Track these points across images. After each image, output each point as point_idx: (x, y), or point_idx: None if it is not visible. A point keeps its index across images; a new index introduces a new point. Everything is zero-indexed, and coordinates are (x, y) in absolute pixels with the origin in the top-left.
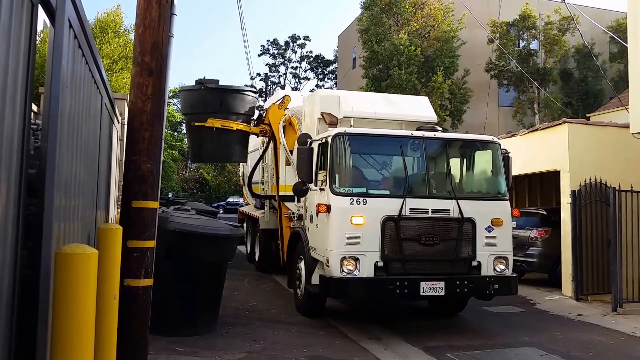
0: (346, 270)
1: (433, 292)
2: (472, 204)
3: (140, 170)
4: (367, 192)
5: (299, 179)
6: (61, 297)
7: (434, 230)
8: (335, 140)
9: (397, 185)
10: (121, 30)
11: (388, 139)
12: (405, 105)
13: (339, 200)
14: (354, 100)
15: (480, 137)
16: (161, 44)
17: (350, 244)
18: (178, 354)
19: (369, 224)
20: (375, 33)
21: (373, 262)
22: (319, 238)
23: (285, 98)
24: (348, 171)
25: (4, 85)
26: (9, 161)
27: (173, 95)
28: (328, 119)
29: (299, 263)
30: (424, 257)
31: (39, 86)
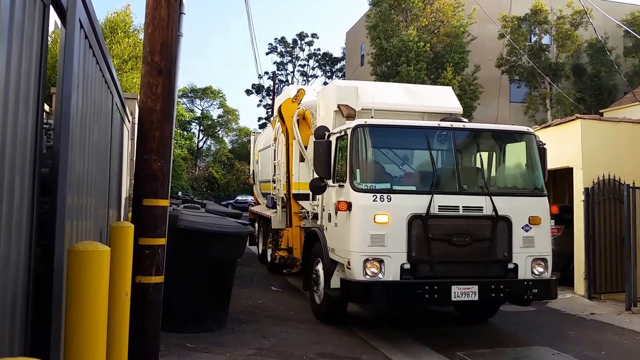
0: (369, 273)
1: (465, 297)
2: (507, 200)
3: (151, 169)
4: (391, 188)
5: (315, 175)
6: (74, 293)
7: (466, 229)
8: (355, 132)
9: (424, 180)
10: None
11: (413, 131)
12: (428, 95)
13: (360, 197)
14: (373, 91)
15: (514, 127)
16: (170, 44)
17: (373, 245)
18: (189, 350)
19: (394, 223)
20: (384, 29)
21: (399, 264)
22: (339, 238)
23: (300, 91)
24: (370, 166)
25: (17, 86)
26: (23, 160)
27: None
28: (345, 111)
29: (316, 265)
30: (454, 259)
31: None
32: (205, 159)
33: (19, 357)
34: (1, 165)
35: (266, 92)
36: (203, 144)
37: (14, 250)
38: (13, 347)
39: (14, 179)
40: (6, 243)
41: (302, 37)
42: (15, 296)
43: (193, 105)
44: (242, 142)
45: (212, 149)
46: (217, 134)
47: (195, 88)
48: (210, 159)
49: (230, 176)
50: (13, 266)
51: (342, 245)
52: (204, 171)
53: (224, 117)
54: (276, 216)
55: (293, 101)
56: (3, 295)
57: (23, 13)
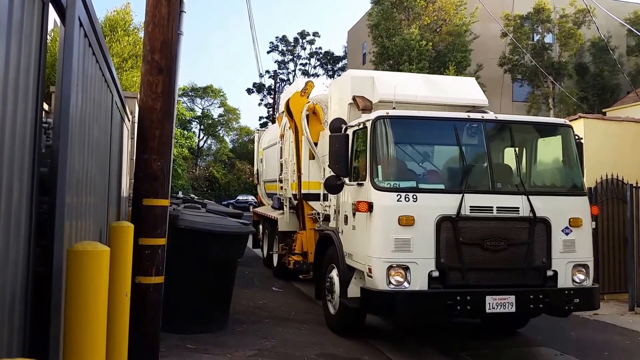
0: (394, 281)
1: (501, 309)
2: (545, 200)
3: (151, 168)
4: (417, 186)
5: (329, 173)
6: (73, 294)
7: (501, 232)
8: (376, 125)
9: (453, 178)
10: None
11: (440, 123)
12: (450, 86)
13: (383, 197)
14: (391, 82)
15: (550, 119)
16: (171, 42)
17: (398, 250)
18: (189, 351)
19: (421, 226)
20: (386, 28)
21: (426, 271)
22: (357, 243)
23: (308, 84)
24: (393, 162)
25: (16, 84)
26: (22, 159)
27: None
28: (361, 104)
29: (330, 272)
30: (488, 265)
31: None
32: (205, 159)
33: (18, 357)
34: (0, 165)
35: (267, 91)
36: (204, 143)
37: (12, 250)
38: (12, 348)
39: (12, 179)
40: (5, 243)
41: (303, 35)
42: (14, 296)
43: (193, 104)
44: (243, 142)
45: (213, 149)
46: (217, 133)
47: (195, 87)
48: (210, 158)
49: (231, 176)
50: (12, 266)
51: (361, 250)
52: (205, 171)
53: (224, 116)
54: (283, 218)
55: (302, 95)
56: (2, 296)
57: (22, 11)
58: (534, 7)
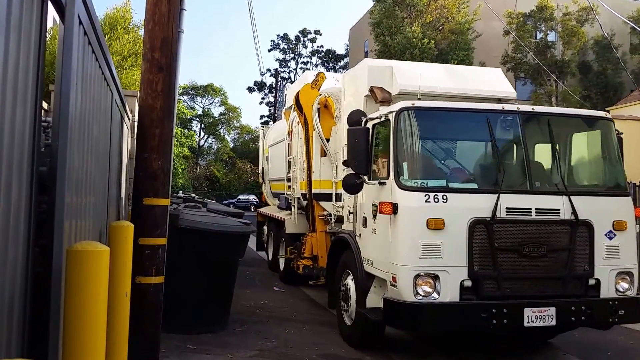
0: (422, 292)
1: (541, 322)
2: (587, 201)
3: (151, 167)
4: (447, 185)
5: (346, 171)
6: (73, 294)
7: (540, 237)
8: (400, 117)
9: (486, 176)
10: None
11: (471, 115)
12: (475, 77)
13: (409, 198)
14: (411, 72)
15: (590, 112)
16: (171, 40)
17: (426, 257)
18: (190, 351)
19: (452, 229)
20: (388, 26)
21: (458, 281)
22: (379, 248)
23: (320, 75)
24: (420, 158)
25: (15, 83)
26: (21, 159)
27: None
28: (380, 95)
29: (345, 279)
30: (526, 274)
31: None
32: (206, 158)
33: (17, 358)
34: None
35: (268, 90)
36: (204, 142)
37: (11, 250)
38: (10, 348)
39: (11, 178)
40: (3, 243)
41: (305, 33)
42: (13, 296)
43: (194, 102)
44: (244, 141)
45: (214, 148)
46: (218, 132)
47: (196, 85)
48: (211, 157)
49: (231, 175)
50: (10, 266)
51: (383, 256)
52: (205, 170)
53: (225, 115)
54: (291, 219)
55: (312, 87)
56: (1, 296)
57: (21, 9)
58: (536, 5)
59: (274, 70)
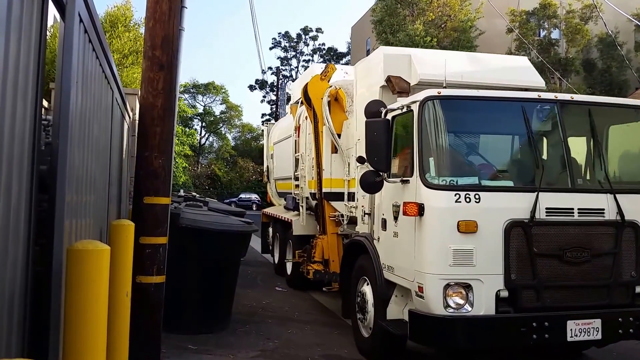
0: (453, 304)
1: (585, 336)
2: (632, 199)
3: (152, 166)
4: (479, 183)
5: (365, 168)
6: (73, 293)
7: (583, 240)
8: (425, 107)
9: (523, 172)
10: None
11: (505, 105)
12: (500, 66)
13: (437, 197)
14: (431, 60)
15: (636, 101)
16: (172, 38)
17: (458, 264)
18: (191, 352)
19: (485, 233)
20: (390, 24)
21: (493, 291)
22: (401, 253)
23: (329, 66)
24: (449, 153)
25: (15, 81)
26: (21, 157)
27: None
28: (398, 85)
29: (362, 286)
30: (568, 281)
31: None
32: (207, 156)
33: (17, 358)
34: None
35: (270, 88)
36: (205, 140)
37: (11, 248)
38: (11, 347)
39: (12, 176)
40: (4, 241)
41: (306, 31)
42: (13, 295)
43: (195, 101)
44: (245, 139)
45: (215, 146)
46: (219, 131)
47: (197, 83)
48: (212, 156)
49: (233, 174)
50: (11, 265)
51: (406, 263)
52: (207, 168)
53: (226, 114)
54: (299, 220)
55: (322, 78)
56: (1, 295)
57: (21, 6)
58: (540, 3)
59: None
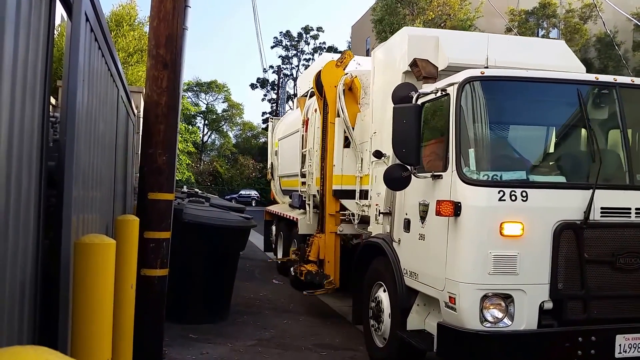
0: (490, 318)
1: (636, 352)
2: None
3: (156, 162)
4: (527, 179)
5: (385, 163)
6: (81, 285)
7: (638, 245)
8: (465, 90)
9: (577, 166)
10: (136, 23)
11: (557, 88)
12: (536, 50)
13: (477, 195)
14: (461, 43)
15: None
16: (176, 37)
17: (498, 272)
18: (192, 340)
19: (532, 236)
20: (390, 23)
21: (537, 302)
22: (428, 258)
23: (346, 53)
24: (492, 143)
25: (24, 79)
26: (30, 153)
27: (187, 89)
28: (425, 70)
29: (377, 291)
30: (619, 291)
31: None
32: (209, 153)
33: (28, 345)
34: (8, 158)
35: (271, 87)
36: (208, 138)
37: (21, 242)
38: (22, 335)
39: (21, 172)
40: (14, 235)
41: (307, 30)
42: (24, 286)
43: (198, 99)
44: (246, 137)
45: (217, 144)
46: (221, 129)
47: (200, 82)
48: (214, 153)
49: (234, 171)
50: (21, 257)
51: (434, 269)
52: (209, 165)
53: (228, 112)
54: (305, 218)
55: (337, 65)
56: (12, 285)
57: (30, 6)
58: (539, 2)
59: (277, 67)
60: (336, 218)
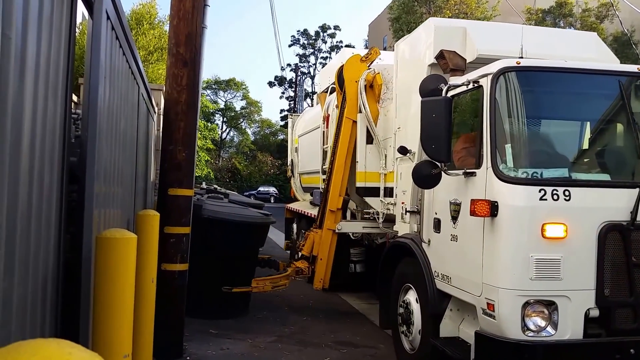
0: (533, 326)
1: None
2: None
3: (176, 159)
4: (569, 177)
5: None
6: (102, 279)
7: None
8: (498, 82)
9: (622, 163)
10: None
11: (599, 80)
12: (568, 42)
13: (517, 194)
14: (489, 34)
15: None
16: (195, 35)
17: (540, 277)
18: (212, 335)
19: (575, 239)
20: (407, 21)
21: (582, 310)
22: (461, 261)
23: (373, 49)
24: (531, 138)
25: (46, 76)
26: (52, 149)
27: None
28: (452, 62)
29: (406, 294)
30: None
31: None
32: (228, 150)
33: (50, 337)
34: (31, 154)
35: (288, 84)
36: (226, 135)
37: (44, 236)
38: (44, 328)
39: (43, 168)
40: (36, 229)
41: (324, 29)
42: (46, 279)
43: (217, 96)
44: (265, 134)
45: (235, 141)
46: (240, 126)
47: (219, 80)
48: (233, 150)
49: (252, 167)
50: (43, 251)
51: (469, 273)
52: (227, 162)
53: (247, 109)
54: None
55: (362, 60)
56: (34, 279)
57: (52, 5)
58: (556, 1)
59: (294, 65)
60: (337, 215)
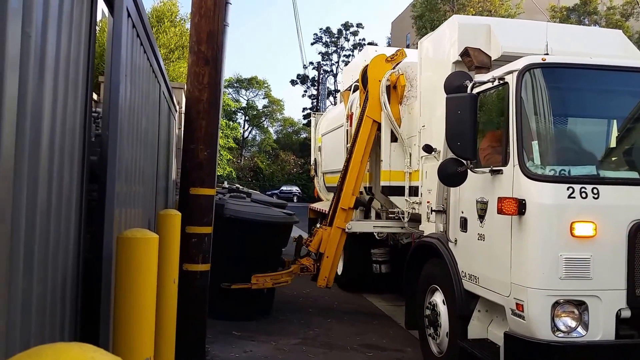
0: (563, 327)
1: None
2: None
3: (198, 158)
4: (597, 174)
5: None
6: (123, 280)
7: None
8: (524, 78)
9: None
10: (177, 20)
11: (627, 76)
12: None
13: (545, 191)
14: (514, 31)
15: None
16: (217, 33)
17: (570, 277)
18: (235, 337)
19: (605, 237)
20: (430, 19)
21: (614, 310)
22: (489, 260)
23: (400, 51)
24: (558, 135)
25: (66, 74)
26: (72, 148)
27: (228, 85)
28: (477, 59)
29: (432, 295)
30: None
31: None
32: (250, 149)
33: (69, 339)
34: (51, 153)
35: (311, 83)
36: (248, 134)
37: (63, 235)
38: (64, 331)
39: (63, 167)
40: (56, 229)
41: (347, 27)
42: (65, 279)
43: (239, 95)
44: (287, 133)
45: (257, 139)
46: (262, 124)
47: (240, 78)
48: (255, 149)
49: (275, 166)
50: (62, 251)
51: (497, 272)
52: (249, 161)
53: (269, 108)
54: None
55: (388, 60)
56: (54, 279)
57: (72, 1)
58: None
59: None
60: (348, 214)
